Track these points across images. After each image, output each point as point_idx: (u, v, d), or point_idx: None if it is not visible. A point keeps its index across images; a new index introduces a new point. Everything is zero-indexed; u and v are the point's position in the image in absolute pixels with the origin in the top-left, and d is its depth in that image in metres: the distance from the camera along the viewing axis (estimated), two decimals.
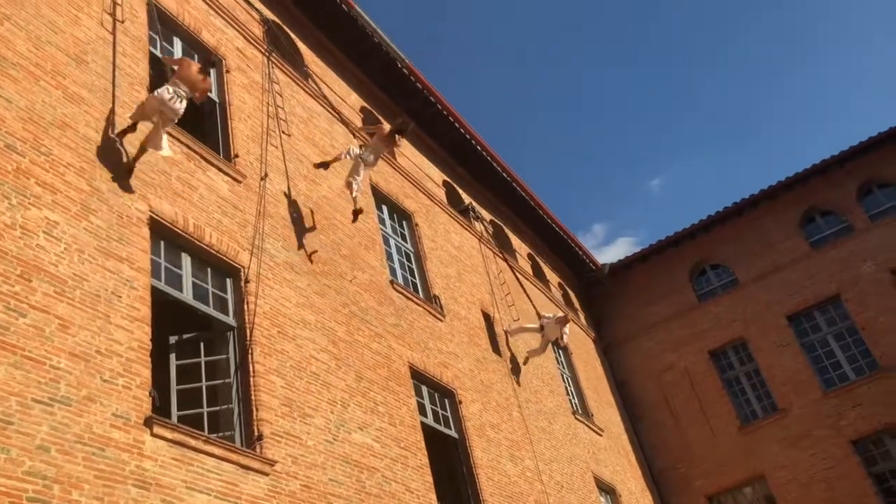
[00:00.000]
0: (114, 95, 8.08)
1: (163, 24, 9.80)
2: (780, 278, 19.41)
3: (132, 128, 7.83)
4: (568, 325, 15.64)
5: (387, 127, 11.26)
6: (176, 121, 7.80)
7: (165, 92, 7.55)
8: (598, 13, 43.39)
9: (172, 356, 8.02)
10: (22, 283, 6.07)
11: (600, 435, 17.13)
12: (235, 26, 11.15)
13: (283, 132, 10.96)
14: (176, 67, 7.91)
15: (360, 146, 11.20)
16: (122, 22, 8.74)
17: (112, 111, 7.95)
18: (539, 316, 16.01)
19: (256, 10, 11.89)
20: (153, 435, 6.46)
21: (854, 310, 18.34)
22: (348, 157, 10.87)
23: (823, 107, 43.92)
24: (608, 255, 56.04)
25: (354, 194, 10.73)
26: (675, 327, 20.27)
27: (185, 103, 7.67)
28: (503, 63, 44.45)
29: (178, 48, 9.93)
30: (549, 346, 15.83)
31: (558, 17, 43.27)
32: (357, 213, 10.84)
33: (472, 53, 44.22)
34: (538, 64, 44.53)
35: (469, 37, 43.72)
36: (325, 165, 11.09)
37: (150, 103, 7.62)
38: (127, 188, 7.61)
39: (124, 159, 7.77)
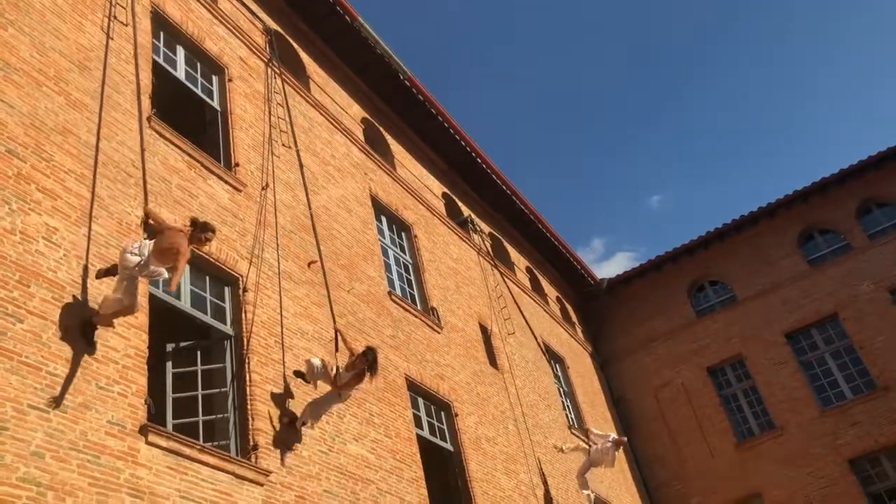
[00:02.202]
0: (100, 118, 8.08)
1: (166, 33, 9.84)
2: (779, 296, 19.41)
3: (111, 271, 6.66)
4: (620, 448, 14.90)
5: (358, 364, 8.45)
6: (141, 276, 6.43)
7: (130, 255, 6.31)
8: (601, 28, 43.62)
9: (169, 364, 8.00)
10: (20, 289, 6.06)
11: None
12: (238, 35, 11.19)
13: (284, 145, 10.97)
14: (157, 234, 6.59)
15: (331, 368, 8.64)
16: (126, 25, 8.75)
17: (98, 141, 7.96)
18: (588, 435, 15.22)
19: (260, 19, 11.94)
20: (148, 443, 6.44)
21: (852, 329, 18.34)
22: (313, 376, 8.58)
23: (824, 125, 44.09)
24: (607, 270, 56.15)
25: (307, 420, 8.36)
26: (673, 343, 20.25)
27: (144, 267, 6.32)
28: (505, 76, 44.63)
29: (180, 56, 9.96)
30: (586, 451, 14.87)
31: (560, 32, 43.48)
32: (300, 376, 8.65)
33: (474, 66, 44.41)
34: (540, 78, 44.72)
35: (471, 50, 43.91)
36: (302, 375, 8.66)
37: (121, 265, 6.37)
38: (127, 195, 7.61)
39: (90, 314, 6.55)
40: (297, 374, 8.64)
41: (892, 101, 40.51)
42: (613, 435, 15.06)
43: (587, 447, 14.91)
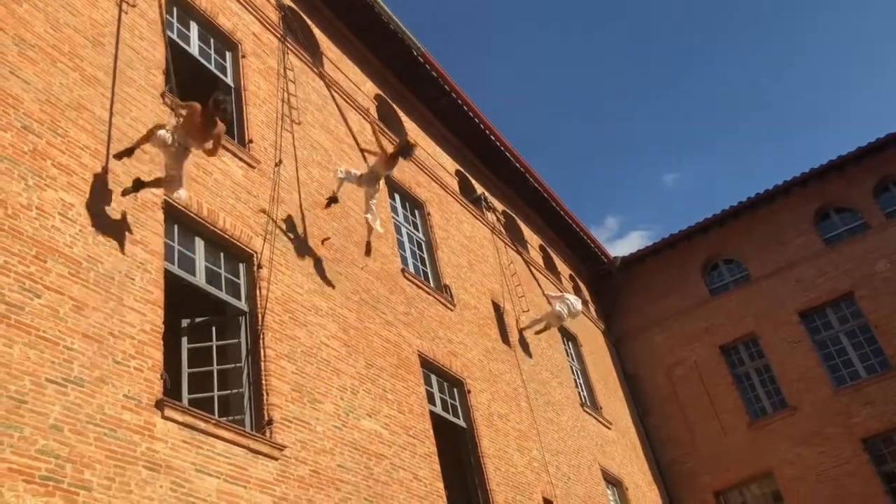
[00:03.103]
0: (113, 92, 8.09)
1: (180, 8, 9.81)
2: (793, 275, 19.29)
3: (129, 152, 7.34)
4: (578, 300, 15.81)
5: (389, 148, 10.55)
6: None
7: (167, 135, 7.14)
8: (616, 6, 43.13)
9: (184, 339, 8.07)
10: (37, 264, 6.11)
11: (608, 428, 17.12)
12: (252, 11, 11.15)
13: (294, 121, 10.94)
14: (183, 112, 7.34)
15: (356, 171, 10.59)
16: (134, 6, 8.73)
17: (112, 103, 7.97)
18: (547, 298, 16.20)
19: None
20: (164, 417, 6.51)
21: (867, 308, 18.22)
22: (347, 180, 10.42)
23: (841, 103, 43.56)
24: (621, 248, 56.00)
25: (374, 226, 10.46)
26: (686, 322, 20.21)
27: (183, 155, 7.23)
28: (519, 54, 44.30)
29: (194, 32, 9.94)
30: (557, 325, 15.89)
31: (575, 9, 43.05)
32: (369, 247, 10.73)
33: (488, 44, 44.09)
34: (554, 55, 44.35)
35: (485, 27, 43.57)
36: (333, 200, 10.47)
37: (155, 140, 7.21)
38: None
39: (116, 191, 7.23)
40: (331, 199, 10.32)
41: None
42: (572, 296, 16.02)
43: (550, 310, 15.60)
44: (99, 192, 7.03)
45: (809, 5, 41.70)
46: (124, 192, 7.17)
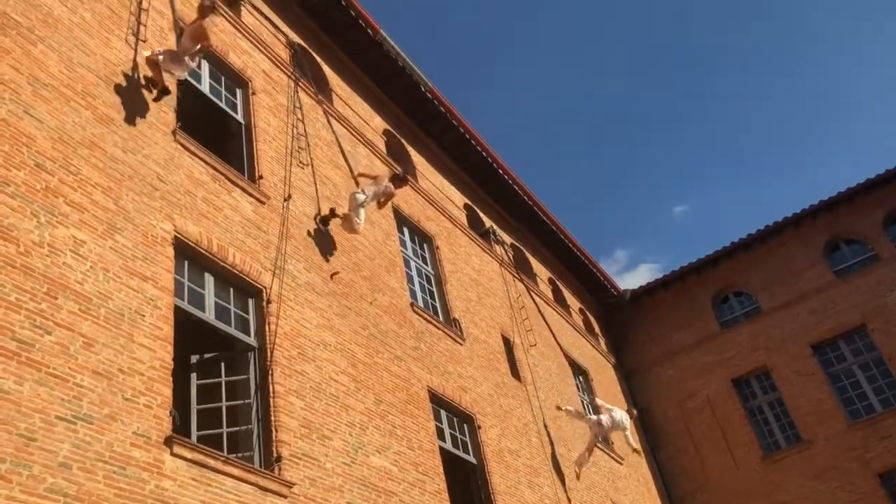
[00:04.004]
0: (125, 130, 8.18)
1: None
2: (805, 307, 19.18)
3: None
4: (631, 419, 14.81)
5: (385, 177, 11.05)
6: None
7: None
8: (625, 38, 43.55)
9: (193, 375, 8.05)
10: (48, 301, 6.13)
11: (620, 463, 16.92)
12: (262, 49, 11.29)
13: (302, 162, 11.03)
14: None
15: (360, 191, 10.81)
16: (145, 41, 8.87)
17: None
18: (598, 410, 15.35)
19: (283, 33, 12.04)
20: (173, 454, 6.47)
21: (880, 340, 18.07)
22: (358, 204, 10.65)
23: (850, 134, 43.62)
24: (630, 281, 55.84)
25: (356, 223, 10.62)
26: (698, 355, 20.07)
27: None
28: (526, 86, 44.66)
29: (204, 70, 10.06)
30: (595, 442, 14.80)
31: (582, 41, 43.48)
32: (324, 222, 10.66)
33: (496, 77, 44.49)
34: (562, 87, 44.70)
35: (493, 61, 44.00)
36: (325, 221, 10.61)
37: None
38: (153, 206, 7.69)
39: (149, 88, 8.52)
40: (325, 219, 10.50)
41: None
42: (620, 410, 14.88)
43: (594, 418, 14.70)
44: (110, 229, 7.07)
45: (820, 38, 42.01)
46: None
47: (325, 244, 10.41)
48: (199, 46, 8.41)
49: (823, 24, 41.49)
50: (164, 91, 8.49)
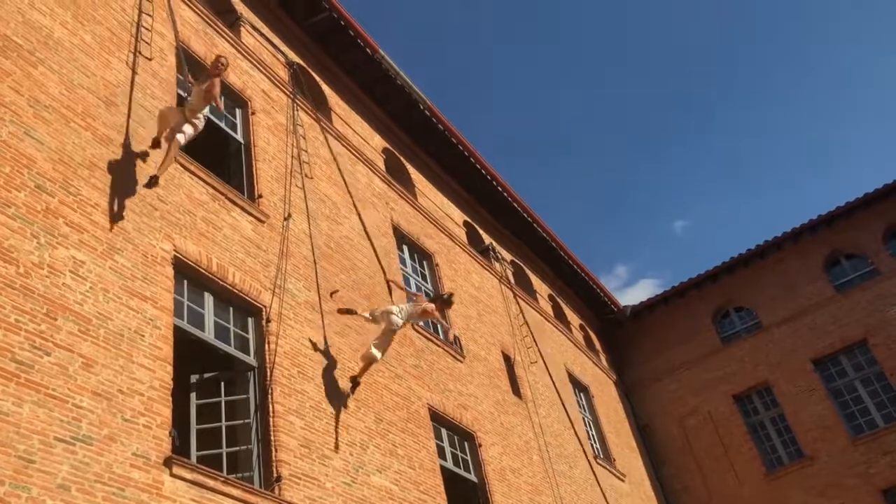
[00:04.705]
0: (128, 128, 8.22)
1: (190, 67, 9.98)
2: (805, 322, 19.15)
3: (156, 143, 8.18)
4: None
5: (427, 303, 9.69)
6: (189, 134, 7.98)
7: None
8: (622, 53, 43.78)
9: (193, 395, 8.03)
10: (48, 322, 6.13)
11: (622, 480, 16.83)
12: (261, 69, 11.36)
13: (306, 175, 11.06)
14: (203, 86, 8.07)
15: (398, 310, 9.52)
16: (150, 60, 8.91)
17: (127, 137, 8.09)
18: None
19: (282, 52, 12.12)
20: (172, 475, 6.44)
21: (882, 354, 18.02)
22: (387, 323, 9.39)
23: (849, 149, 43.75)
24: (631, 296, 55.77)
25: (378, 355, 9.28)
26: (699, 370, 20.01)
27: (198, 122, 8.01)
28: (525, 102, 44.85)
29: None
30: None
31: (581, 57, 43.70)
32: (354, 383, 9.39)
33: (494, 96, 44.68)
34: (561, 104, 44.88)
35: (491, 80, 44.21)
36: (349, 312, 9.77)
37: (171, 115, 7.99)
38: (152, 226, 7.70)
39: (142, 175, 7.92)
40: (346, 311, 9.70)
41: None
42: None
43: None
44: (109, 249, 7.08)
45: (816, 51, 42.23)
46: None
47: (325, 263, 10.41)
48: (207, 108, 8.09)
49: (820, 41, 41.76)
50: (154, 181, 7.73)
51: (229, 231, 8.86)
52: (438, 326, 12.99)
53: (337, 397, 9.10)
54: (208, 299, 8.17)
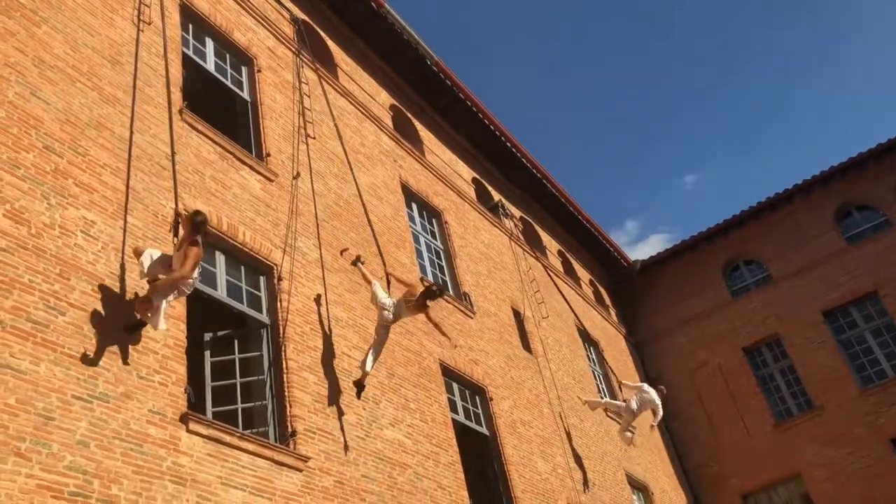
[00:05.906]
0: (133, 111, 8.19)
1: (195, 25, 9.91)
2: (816, 274, 19.12)
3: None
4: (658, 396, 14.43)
5: (417, 290, 9.15)
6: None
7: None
8: (634, 8, 43.05)
9: (207, 353, 8.12)
10: (61, 282, 6.18)
11: (632, 433, 16.98)
12: (266, 26, 11.24)
13: (311, 135, 11.01)
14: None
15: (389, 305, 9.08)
16: (150, 23, 8.82)
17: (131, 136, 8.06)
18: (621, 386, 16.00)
19: (287, 9, 11.97)
20: (189, 431, 6.55)
21: (892, 306, 18.01)
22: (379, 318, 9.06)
23: (862, 101, 43.16)
24: (642, 251, 55.63)
25: (368, 367, 8.84)
26: (708, 324, 20.07)
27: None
28: (534, 58, 44.31)
29: (210, 49, 10.03)
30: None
31: (591, 13, 43.02)
32: (359, 387, 8.80)
33: (502, 49, 44.14)
34: (570, 59, 44.32)
35: (499, 32, 43.63)
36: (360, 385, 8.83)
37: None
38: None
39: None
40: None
41: None
42: (646, 385, 14.87)
43: (622, 404, 15.09)
44: (120, 209, 7.10)
45: (832, 5, 41.42)
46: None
47: (335, 220, 10.42)
48: (183, 276, 6.39)
49: None
50: (140, 324, 6.59)
51: (238, 190, 8.86)
52: (448, 281, 13.06)
53: (349, 353, 9.19)
54: (220, 258, 8.20)
